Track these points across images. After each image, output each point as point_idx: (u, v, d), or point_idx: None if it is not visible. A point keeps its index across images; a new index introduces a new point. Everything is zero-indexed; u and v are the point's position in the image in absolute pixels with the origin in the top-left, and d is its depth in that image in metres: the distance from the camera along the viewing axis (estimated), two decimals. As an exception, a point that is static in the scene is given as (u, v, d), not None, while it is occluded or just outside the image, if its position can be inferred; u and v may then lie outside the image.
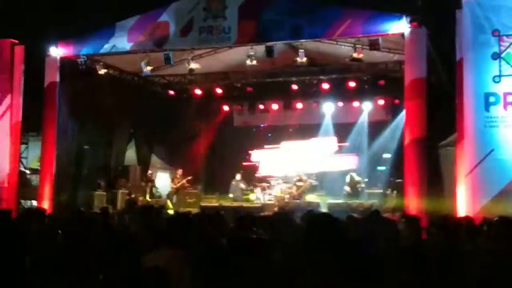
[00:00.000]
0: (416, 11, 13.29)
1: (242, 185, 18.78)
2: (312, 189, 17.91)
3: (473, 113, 11.88)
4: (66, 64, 15.66)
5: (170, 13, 14.66)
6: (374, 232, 4.79)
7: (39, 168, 16.64)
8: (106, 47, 15.14)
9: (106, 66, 16.36)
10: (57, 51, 15.51)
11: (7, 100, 15.60)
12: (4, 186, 15.55)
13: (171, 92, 19.25)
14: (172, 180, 18.80)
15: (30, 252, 4.01)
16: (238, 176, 18.87)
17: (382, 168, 18.77)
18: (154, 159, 20.26)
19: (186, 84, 18.98)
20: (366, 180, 17.57)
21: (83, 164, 17.13)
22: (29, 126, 16.80)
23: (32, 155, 18.21)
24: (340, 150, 19.14)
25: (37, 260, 4.00)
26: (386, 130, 18.28)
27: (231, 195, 18.60)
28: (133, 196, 17.66)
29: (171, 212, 15.31)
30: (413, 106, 12.72)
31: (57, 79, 15.53)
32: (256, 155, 20.41)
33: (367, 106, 19.03)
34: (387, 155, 18.40)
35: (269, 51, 14.36)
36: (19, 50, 15.71)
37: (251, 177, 19.55)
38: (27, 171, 18.52)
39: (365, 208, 15.11)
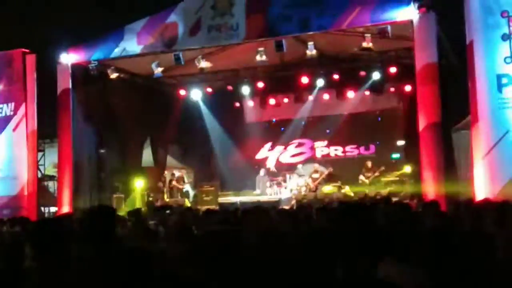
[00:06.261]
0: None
1: (267, 181, 18.97)
2: (328, 179, 17.93)
3: (486, 95, 11.84)
4: (77, 70, 15.76)
5: (178, 13, 14.73)
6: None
7: (55, 174, 16.78)
8: (117, 51, 15.22)
9: (117, 70, 16.39)
10: (68, 58, 15.61)
11: (22, 110, 15.77)
12: (23, 194, 15.72)
13: (182, 92, 19.32)
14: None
15: None
16: (262, 172, 19.23)
17: (397, 155, 18.78)
18: (170, 159, 20.38)
19: (197, 83, 19.05)
20: (382, 168, 17.55)
21: (100, 168, 17.23)
22: (43, 133, 16.95)
23: (48, 162, 18.34)
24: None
25: None
26: (399, 117, 18.25)
27: (257, 191, 18.88)
28: (151, 198, 17.88)
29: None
30: (426, 91, 12.67)
31: (70, 85, 15.64)
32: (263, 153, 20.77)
33: (379, 95, 18.93)
34: (401, 142, 18.40)
35: (279, 45, 14.35)
36: (31, 59, 15.87)
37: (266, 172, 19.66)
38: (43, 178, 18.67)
39: (383, 196, 15.11)
